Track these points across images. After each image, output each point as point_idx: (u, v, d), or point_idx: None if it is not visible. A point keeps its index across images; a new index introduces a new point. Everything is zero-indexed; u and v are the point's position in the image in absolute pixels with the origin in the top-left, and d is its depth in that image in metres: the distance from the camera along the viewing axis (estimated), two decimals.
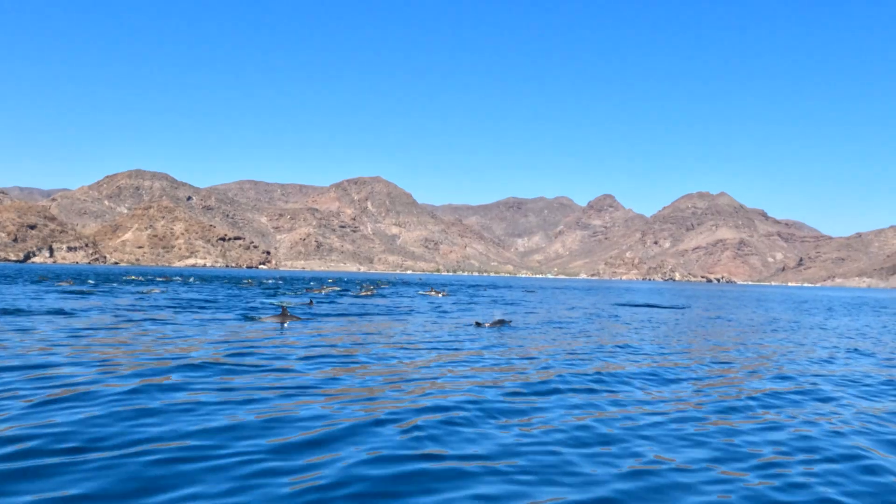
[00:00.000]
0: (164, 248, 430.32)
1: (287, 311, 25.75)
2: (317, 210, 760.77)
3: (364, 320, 27.69)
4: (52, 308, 27.75)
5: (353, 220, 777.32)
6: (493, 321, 25.77)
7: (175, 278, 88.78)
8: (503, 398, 11.33)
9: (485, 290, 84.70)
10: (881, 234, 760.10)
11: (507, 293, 72.92)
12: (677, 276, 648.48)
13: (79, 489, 6.46)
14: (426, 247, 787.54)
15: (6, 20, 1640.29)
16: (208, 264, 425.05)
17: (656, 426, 9.80)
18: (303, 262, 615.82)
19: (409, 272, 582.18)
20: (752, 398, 12.16)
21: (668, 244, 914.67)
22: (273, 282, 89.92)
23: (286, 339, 18.96)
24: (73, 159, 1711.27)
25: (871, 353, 21.08)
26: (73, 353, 14.92)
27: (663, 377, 14.26)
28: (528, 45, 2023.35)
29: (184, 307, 31.46)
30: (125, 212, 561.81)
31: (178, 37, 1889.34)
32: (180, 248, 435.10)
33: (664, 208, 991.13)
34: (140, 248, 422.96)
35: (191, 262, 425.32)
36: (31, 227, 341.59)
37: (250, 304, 36.33)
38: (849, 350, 21.84)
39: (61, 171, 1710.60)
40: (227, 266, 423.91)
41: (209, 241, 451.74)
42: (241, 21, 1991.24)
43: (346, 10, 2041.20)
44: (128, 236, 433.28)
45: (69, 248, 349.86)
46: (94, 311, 26.93)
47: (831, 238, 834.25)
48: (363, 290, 57.84)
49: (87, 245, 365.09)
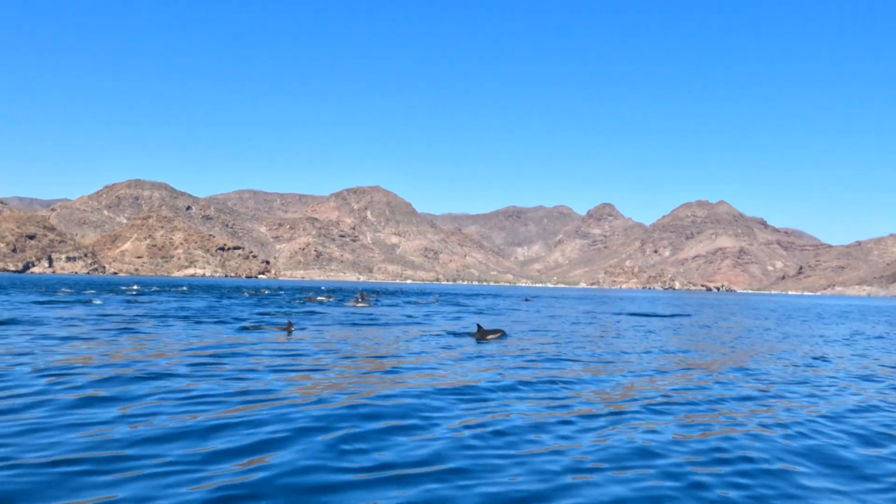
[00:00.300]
0: (163, 258, 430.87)
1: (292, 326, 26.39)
2: (316, 219, 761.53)
3: (352, 329, 27.92)
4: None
5: (353, 229, 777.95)
6: (485, 331, 25.74)
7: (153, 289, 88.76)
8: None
9: (483, 298, 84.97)
10: (881, 242, 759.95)
11: (502, 302, 73.16)
12: (677, 285, 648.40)
13: None
14: (426, 256, 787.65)
15: (6, 30, 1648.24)
16: (207, 274, 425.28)
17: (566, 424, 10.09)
18: (302, 271, 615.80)
19: (408, 281, 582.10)
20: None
21: (667, 253, 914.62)
22: (270, 292, 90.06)
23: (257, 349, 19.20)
24: (73, 169, 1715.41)
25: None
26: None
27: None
28: (526, 54, 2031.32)
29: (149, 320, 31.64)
30: (124, 222, 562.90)
31: (178, 47, 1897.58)
32: (179, 258, 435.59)
33: (663, 217, 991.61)
34: (139, 258, 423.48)
35: (190, 271, 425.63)
36: (31, 237, 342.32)
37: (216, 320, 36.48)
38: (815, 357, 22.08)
39: (61, 181, 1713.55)
40: (226, 276, 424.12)
41: (208, 250, 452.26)
42: (241, 31, 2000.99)
43: (345, 20, 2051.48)
44: (127, 246, 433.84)
45: (68, 259, 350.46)
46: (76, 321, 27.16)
47: (831, 246, 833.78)
48: (359, 300, 58.10)
49: (86, 255, 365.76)
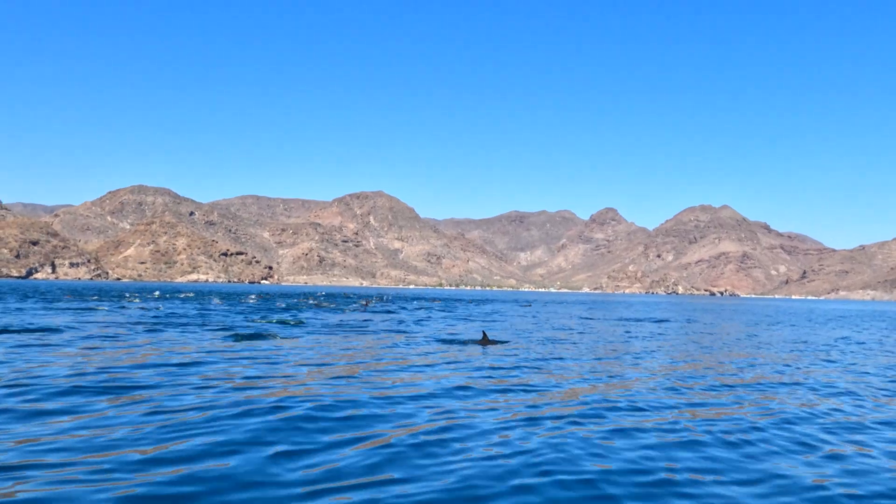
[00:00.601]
0: (166, 263, 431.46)
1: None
2: (319, 225, 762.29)
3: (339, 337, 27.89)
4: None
5: (356, 234, 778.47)
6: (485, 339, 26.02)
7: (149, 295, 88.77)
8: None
9: (484, 304, 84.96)
10: (885, 246, 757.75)
11: (500, 307, 73.05)
12: (680, 290, 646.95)
13: None
14: (429, 261, 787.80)
15: (10, 36, 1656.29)
16: (210, 280, 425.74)
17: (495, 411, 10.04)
18: (305, 276, 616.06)
19: (411, 286, 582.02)
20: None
21: (670, 257, 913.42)
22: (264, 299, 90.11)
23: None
24: (77, 175, 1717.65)
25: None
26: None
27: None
28: (529, 60, 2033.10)
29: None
30: (128, 227, 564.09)
31: (181, 53, 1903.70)
32: (182, 264, 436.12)
33: (666, 221, 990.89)
34: (142, 263, 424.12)
35: (193, 277, 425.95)
36: (34, 243, 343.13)
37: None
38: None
39: (65, 187, 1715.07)
40: (229, 281, 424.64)
41: (211, 256, 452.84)
42: (245, 37, 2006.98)
43: (348, 25, 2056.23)
44: (130, 252, 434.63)
45: (71, 264, 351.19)
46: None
47: (834, 251, 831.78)
48: (370, 301, 58.04)
49: (89, 261, 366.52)
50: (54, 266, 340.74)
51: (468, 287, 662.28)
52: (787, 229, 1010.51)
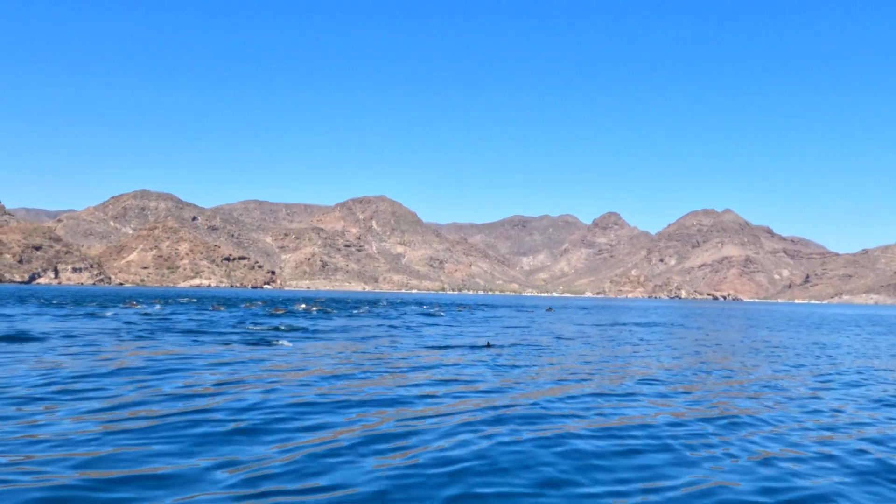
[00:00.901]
0: (168, 268, 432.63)
1: None
2: (322, 229, 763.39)
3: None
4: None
5: (358, 239, 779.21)
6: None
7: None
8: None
9: (488, 309, 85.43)
10: (888, 250, 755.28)
11: (501, 312, 73.46)
12: (683, 294, 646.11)
13: None
14: (431, 265, 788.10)
15: (11, 40, 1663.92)
16: (213, 284, 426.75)
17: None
18: (308, 281, 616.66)
19: (414, 291, 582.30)
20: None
21: (673, 262, 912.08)
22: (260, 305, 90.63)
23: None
24: (80, 180, 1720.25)
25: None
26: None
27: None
28: (531, 64, 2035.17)
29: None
30: (130, 232, 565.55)
31: (184, 58, 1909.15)
32: (185, 269, 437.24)
33: (669, 225, 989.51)
34: (145, 268, 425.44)
35: (196, 282, 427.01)
36: (37, 248, 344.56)
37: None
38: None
39: (68, 192, 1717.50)
40: (231, 286, 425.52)
41: (214, 261, 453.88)
42: (247, 42, 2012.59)
43: (350, 29, 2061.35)
44: (133, 257, 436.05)
45: (74, 269, 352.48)
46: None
47: (838, 255, 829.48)
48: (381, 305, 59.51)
49: (91, 266, 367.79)
50: (57, 271, 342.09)
51: (470, 291, 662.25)
52: (791, 233, 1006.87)
